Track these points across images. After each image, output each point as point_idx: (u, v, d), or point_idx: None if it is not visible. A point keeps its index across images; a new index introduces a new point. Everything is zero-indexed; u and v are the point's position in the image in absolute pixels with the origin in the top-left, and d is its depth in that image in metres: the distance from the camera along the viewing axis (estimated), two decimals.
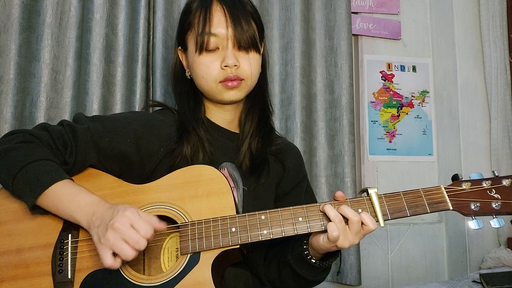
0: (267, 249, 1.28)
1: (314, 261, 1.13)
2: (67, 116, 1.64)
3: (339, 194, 1.10)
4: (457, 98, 2.22)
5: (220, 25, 1.19)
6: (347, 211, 1.05)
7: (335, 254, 1.15)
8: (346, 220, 1.05)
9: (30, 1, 1.65)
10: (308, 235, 1.13)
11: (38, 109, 1.63)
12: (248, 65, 1.22)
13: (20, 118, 1.61)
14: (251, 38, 1.21)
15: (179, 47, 1.29)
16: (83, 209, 1.04)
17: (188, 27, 1.23)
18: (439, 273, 2.25)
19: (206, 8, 1.20)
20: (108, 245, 0.97)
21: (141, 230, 0.97)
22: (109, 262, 0.97)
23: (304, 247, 1.14)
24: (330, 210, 1.05)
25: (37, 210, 1.07)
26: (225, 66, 1.19)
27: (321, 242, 1.08)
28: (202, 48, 1.19)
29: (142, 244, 0.97)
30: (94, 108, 1.66)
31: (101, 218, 1.01)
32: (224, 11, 1.20)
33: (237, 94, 1.23)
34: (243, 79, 1.22)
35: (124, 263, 1.04)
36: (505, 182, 1.06)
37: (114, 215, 0.99)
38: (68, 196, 1.05)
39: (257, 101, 1.29)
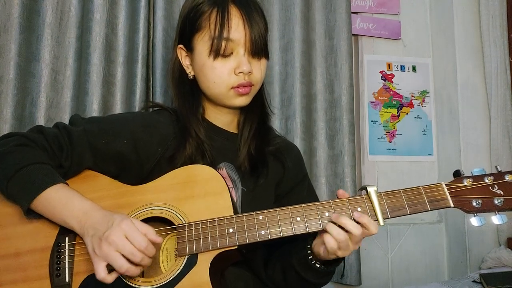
0: (269, 250, 1.27)
1: (318, 266, 1.12)
2: (67, 116, 1.64)
3: (341, 192, 1.09)
4: (457, 98, 2.22)
5: (238, 30, 1.16)
6: (348, 224, 1.02)
7: (340, 258, 1.12)
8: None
9: (30, 1, 1.65)
10: (312, 237, 1.13)
11: (38, 109, 1.63)
12: (258, 71, 1.21)
13: (20, 118, 1.61)
14: (265, 44, 1.21)
15: (180, 46, 1.26)
16: (76, 215, 1.03)
17: (199, 28, 1.19)
18: (439, 273, 2.25)
19: (223, 11, 1.16)
20: (102, 257, 0.97)
21: (136, 242, 0.97)
22: (102, 275, 0.97)
23: (308, 252, 1.12)
24: (332, 228, 1.03)
25: (31, 214, 1.07)
26: (240, 73, 1.17)
27: (321, 253, 1.07)
28: (218, 53, 1.16)
29: (138, 257, 0.97)
30: (94, 108, 1.66)
31: (94, 227, 1.00)
32: (242, 16, 1.17)
33: (246, 99, 1.22)
34: (253, 85, 1.21)
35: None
36: (508, 178, 1.04)
37: (109, 226, 0.98)
38: (61, 201, 1.04)
39: (256, 104, 1.28)
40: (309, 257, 1.12)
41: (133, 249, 0.96)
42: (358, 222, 1.03)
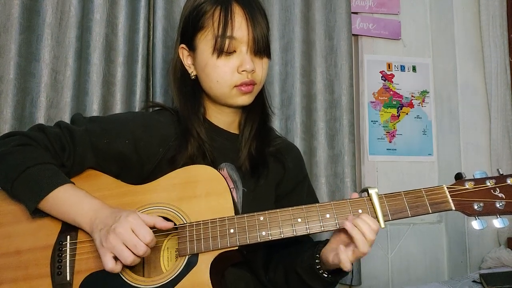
0: (270, 251, 1.27)
1: (326, 275, 1.11)
2: (67, 116, 1.64)
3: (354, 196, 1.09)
4: (457, 98, 2.22)
5: (241, 28, 1.16)
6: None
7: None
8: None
9: (30, 1, 1.64)
10: (318, 245, 1.13)
11: (38, 109, 1.63)
12: (261, 70, 1.21)
13: (20, 118, 1.61)
14: (267, 44, 1.21)
15: (182, 45, 1.25)
16: (85, 214, 1.04)
17: (201, 27, 1.19)
18: (439, 273, 2.25)
19: (226, 9, 1.17)
20: (109, 248, 0.98)
21: (140, 235, 0.98)
22: (110, 265, 0.98)
23: (317, 261, 1.11)
24: (363, 223, 1.02)
25: (38, 214, 1.08)
26: (243, 71, 1.17)
27: (330, 260, 1.07)
28: (221, 51, 1.16)
29: (141, 249, 0.98)
30: (94, 108, 1.66)
31: (104, 222, 1.02)
32: (245, 15, 1.17)
33: (249, 98, 1.22)
34: (255, 84, 1.21)
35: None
36: (510, 181, 1.04)
37: (117, 220, 1.00)
38: (70, 201, 1.05)
39: (257, 104, 1.28)
40: (317, 267, 1.11)
41: (138, 242, 0.98)
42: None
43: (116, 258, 0.99)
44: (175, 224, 1.07)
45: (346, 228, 1.03)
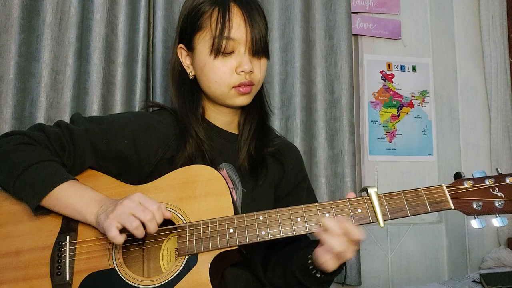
0: (268, 250, 1.27)
1: (319, 275, 1.11)
2: (67, 116, 1.64)
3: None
4: (457, 98, 2.22)
5: (239, 29, 1.17)
6: (326, 223, 1.02)
7: (340, 266, 1.11)
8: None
9: (30, 1, 1.65)
10: (312, 246, 1.13)
11: (38, 109, 1.63)
12: (259, 70, 1.21)
13: (20, 118, 1.61)
14: (265, 44, 1.21)
15: (181, 45, 1.26)
16: (90, 206, 1.05)
17: (200, 28, 1.20)
18: (439, 273, 2.25)
19: (224, 10, 1.17)
20: (114, 218, 0.99)
21: (148, 206, 1.00)
22: (113, 233, 0.98)
23: (309, 261, 1.11)
24: (329, 221, 1.02)
25: (40, 211, 1.08)
26: (241, 72, 1.18)
27: (328, 260, 1.05)
28: (218, 51, 1.16)
29: (148, 217, 0.99)
30: (94, 108, 1.66)
31: (110, 204, 1.03)
32: (243, 15, 1.17)
33: (247, 99, 1.22)
34: (254, 84, 1.21)
35: (122, 263, 1.04)
36: (509, 180, 1.04)
37: (123, 198, 1.02)
38: (75, 195, 1.06)
39: (256, 103, 1.28)
40: (310, 267, 1.11)
41: (145, 210, 1.00)
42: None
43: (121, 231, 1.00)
44: (175, 224, 1.07)
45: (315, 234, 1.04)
